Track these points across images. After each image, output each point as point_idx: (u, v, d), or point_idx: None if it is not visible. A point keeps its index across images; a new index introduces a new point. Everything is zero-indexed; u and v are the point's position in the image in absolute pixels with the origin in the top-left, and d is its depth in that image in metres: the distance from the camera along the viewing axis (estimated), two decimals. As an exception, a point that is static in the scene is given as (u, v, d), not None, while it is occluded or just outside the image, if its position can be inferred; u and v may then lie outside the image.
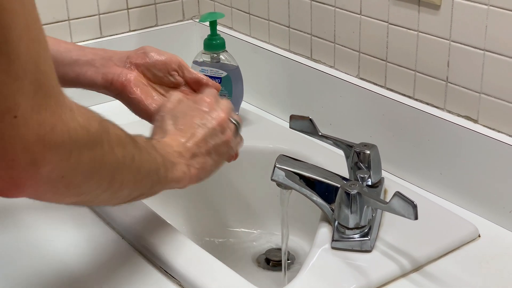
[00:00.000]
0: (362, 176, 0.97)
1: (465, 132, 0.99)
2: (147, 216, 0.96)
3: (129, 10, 1.40)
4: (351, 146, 0.98)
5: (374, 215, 0.93)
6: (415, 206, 0.80)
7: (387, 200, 0.83)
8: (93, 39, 1.35)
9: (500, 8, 0.92)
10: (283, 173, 0.94)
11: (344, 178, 0.95)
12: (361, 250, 0.90)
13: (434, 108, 1.04)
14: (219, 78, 1.22)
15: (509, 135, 0.96)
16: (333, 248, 0.90)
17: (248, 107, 1.32)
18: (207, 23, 1.27)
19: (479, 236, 0.95)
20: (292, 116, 1.03)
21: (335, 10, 1.16)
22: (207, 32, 1.25)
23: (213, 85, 0.98)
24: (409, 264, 0.88)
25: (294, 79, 1.25)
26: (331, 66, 1.20)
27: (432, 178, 1.05)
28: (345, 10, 1.14)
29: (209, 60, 1.24)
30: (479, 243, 0.94)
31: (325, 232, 0.93)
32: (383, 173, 1.02)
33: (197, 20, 1.46)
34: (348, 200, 0.88)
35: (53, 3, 1.29)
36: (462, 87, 1.00)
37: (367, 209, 0.90)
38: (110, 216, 0.97)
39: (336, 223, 0.91)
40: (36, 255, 0.92)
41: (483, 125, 0.99)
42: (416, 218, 0.80)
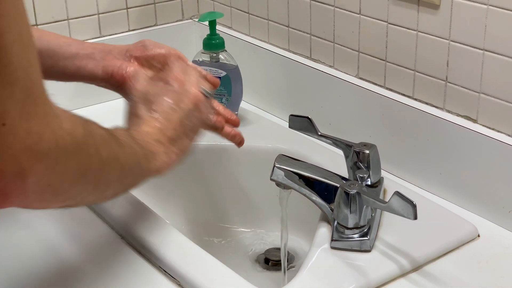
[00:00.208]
0: (362, 176, 0.97)
1: (465, 132, 0.99)
2: (147, 216, 0.96)
3: (128, 10, 1.39)
4: (351, 146, 0.98)
5: (374, 215, 0.93)
6: (415, 206, 0.80)
7: (387, 200, 0.83)
8: (92, 39, 1.35)
9: (500, 8, 0.92)
10: (283, 173, 0.94)
11: (344, 178, 0.95)
12: (361, 250, 0.89)
13: (434, 108, 1.04)
14: (219, 78, 1.22)
15: (509, 135, 0.96)
16: (333, 248, 0.90)
17: (247, 107, 1.32)
18: (207, 23, 1.27)
19: (479, 236, 0.95)
20: (291, 116, 1.02)
21: (335, 10, 1.16)
22: (207, 32, 1.25)
23: (212, 80, 0.97)
24: (409, 264, 0.88)
25: (294, 79, 1.25)
26: (331, 66, 1.20)
27: (432, 178, 1.05)
28: (345, 10, 1.14)
29: (208, 60, 1.24)
30: (479, 243, 0.93)
31: (325, 232, 0.93)
32: (383, 173, 1.01)
33: (197, 20, 1.46)
34: (348, 200, 0.88)
35: (53, 3, 1.29)
36: (462, 87, 1.00)
37: (367, 209, 0.90)
38: (110, 216, 0.97)
39: (336, 223, 0.91)
40: (35, 253, 0.92)
41: (483, 125, 0.99)
42: (416, 218, 0.80)
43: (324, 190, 0.94)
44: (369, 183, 0.98)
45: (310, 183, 0.94)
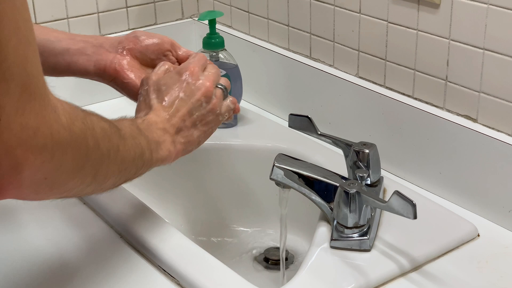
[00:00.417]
0: (361, 175, 0.97)
1: (465, 131, 0.99)
2: (147, 216, 0.96)
3: (128, 9, 1.39)
4: (350, 145, 0.98)
5: (373, 214, 0.93)
6: (414, 205, 0.80)
7: (386, 199, 0.83)
8: (92, 38, 1.35)
9: (500, 7, 0.92)
10: (282, 172, 0.94)
11: (343, 177, 0.95)
12: (360, 250, 0.89)
13: (434, 107, 1.04)
14: (218, 77, 1.22)
15: (509, 134, 0.96)
16: (332, 247, 0.90)
17: (247, 106, 1.32)
18: (206, 22, 1.27)
19: (478, 236, 0.95)
20: (291, 115, 1.02)
21: (335, 9, 1.16)
22: (206, 31, 1.25)
23: (226, 83, 0.97)
24: (408, 264, 0.88)
25: (293, 78, 1.25)
26: (330, 65, 1.20)
27: (431, 177, 1.05)
28: (345, 9, 1.14)
29: (208, 59, 1.24)
30: (478, 243, 0.93)
31: (324, 231, 0.93)
32: (382, 172, 1.01)
33: (196, 19, 1.46)
34: (347, 199, 0.88)
35: (52, 1, 1.29)
36: (462, 86, 1.00)
37: (366, 208, 0.90)
38: (110, 216, 0.97)
39: (335, 222, 0.91)
40: (33, 252, 0.92)
41: (483, 124, 0.99)
42: (415, 217, 0.80)
43: (324, 190, 0.94)
44: (369, 183, 0.98)
45: (310, 183, 0.94)
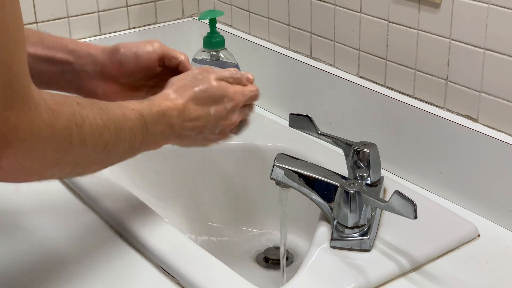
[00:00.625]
0: (362, 175, 0.96)
1: (465, 131, 0.98)
2: (146, 215, 0.96)
3: (129, 8, 1.39)
4: (351, 145, 0.98)
5: (374, 214, 0.93)
6: (415, 205, 0.80)
7: (387, 199, 0.83)
8: (92, 37, 1.35)
9: (500, 7, 0.92)
10: (282, 172, 0.94)
11: (344, 177, 0.95)
12: (360, 249, 0.89)
13: (434, 107, 1.04)
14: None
15: (509, 134, 0.96)
16: (332, 247, 0.90)
17: (248, 105, 1.32)
18: (207, 21, 1.26)
19: (479, 236, 0.94)
20: (291, 115, 1.02)
21: (335, 8, 1.15)
22: (207, 30, 1.25)
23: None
24: (408, 264, 0.88)
25: (294, 77, 1.25)
26: (331, 65, 1.20)
27: (432, 177, 1.05)
28: (345, 8, 1.14)
29: (209, 58, 1.24)
30: (479, 243, 0.93)
31: (324, 231, 0.93)
32: (383, 172, 1.01)
33: (197, 18, 1.46)
34: (347, 199, 0.88)
35: (53, 0, 1.29)
36: (462, 86, 1.00)
37: (366, 208, 0.89)
38: (110, 215, 0.97)
39: (335, 222, 0.91)
40: (30, 249, 0.92)
41: (483, 124, 0.98)
42: (416, 217, 0.80)
43: (324, 189, 0.94)
44: (369, 182, 0.98)
45: (310, 182, 0.94)
